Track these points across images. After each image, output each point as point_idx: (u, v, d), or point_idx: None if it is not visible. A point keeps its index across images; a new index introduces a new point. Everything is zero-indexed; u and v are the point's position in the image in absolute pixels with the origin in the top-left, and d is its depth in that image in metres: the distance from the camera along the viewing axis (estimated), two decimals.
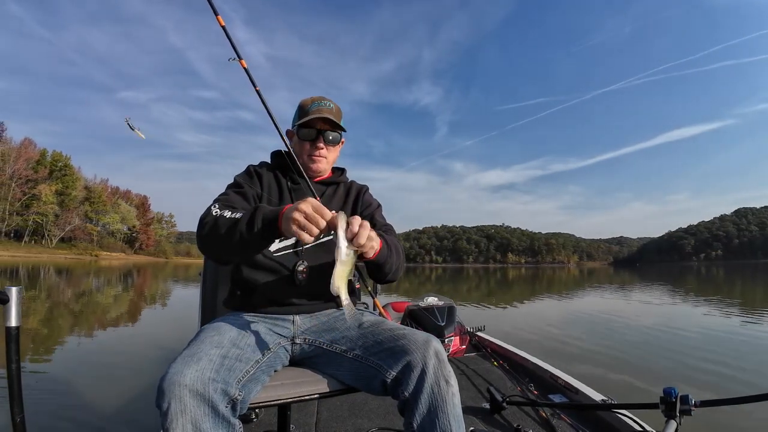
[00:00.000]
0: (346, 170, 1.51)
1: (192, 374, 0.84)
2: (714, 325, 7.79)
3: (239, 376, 0.92)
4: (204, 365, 0.87)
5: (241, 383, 0.91)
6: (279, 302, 1.23)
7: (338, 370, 1.12)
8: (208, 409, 0.83)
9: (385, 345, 1.06)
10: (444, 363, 1.01)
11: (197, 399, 0.82)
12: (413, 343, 1.01)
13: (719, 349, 5.67)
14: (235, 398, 0.88)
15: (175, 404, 0.81)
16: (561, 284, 23.95)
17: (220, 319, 1.18)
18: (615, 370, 4.45)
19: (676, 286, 19.50)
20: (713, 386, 3.86)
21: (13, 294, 0.89)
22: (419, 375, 0.97)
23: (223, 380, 0.87)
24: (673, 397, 1.45)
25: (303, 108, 1.35)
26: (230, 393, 0.87)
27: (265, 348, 1.09)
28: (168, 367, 0.87)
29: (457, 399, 0.99)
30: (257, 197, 1.28)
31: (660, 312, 9.80)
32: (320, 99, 1.36)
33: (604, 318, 8.85)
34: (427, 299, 3.75)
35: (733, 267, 75.03)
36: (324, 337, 1.19)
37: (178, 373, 0.84)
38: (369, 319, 1.20)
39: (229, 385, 0.88)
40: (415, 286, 22.15)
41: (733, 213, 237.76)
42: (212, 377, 0.85)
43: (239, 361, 0.95)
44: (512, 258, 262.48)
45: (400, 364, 1.00)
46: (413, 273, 50.80)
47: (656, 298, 13.86)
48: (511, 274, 44.68)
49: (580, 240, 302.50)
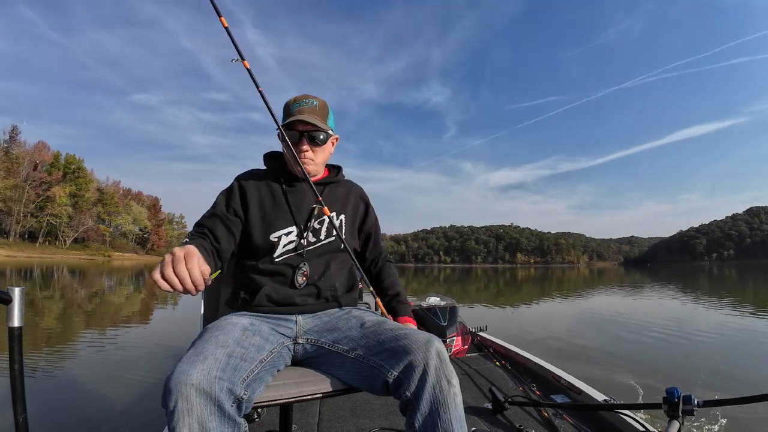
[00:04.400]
0: (342, 168, 1.48)
1: (198, 373, 0.85)
2: (721, 325, 7.68)
3: (244, 376, 0.93)
4: (210, 364, 0.87)
5: (246, 382, 0.92)
6: (281, 303, 1.22)
7: (340, 370, 1.11)
8: (214, 408, 0.84)
9: (387, 345, 1.05)
10: (446, 363, 1.00)
11: (204, 398, 0.83)
12: (415, 343, 1.01)
13: (724, 349, 5.60)
14: (241, 397, 0.89)
15: (181, 403, 0.82)
16: (570, 284, 23.75)
17: (224, 318, 1.19)
18: (617, 370, 4.41)
19: (686, 287, 19.21)
20: (716, 386, 3.81)
21: (16, 294, 0.89)
22: (421, 375, 0.97)
23: (229, 379, 0.88)
24: (675, 397, 1.44)
25: (286, 109, 1.32)
26: (236, 392, 0.88)
27: (268, 348, 1.09)
28: (174, 366, 0.88)
29: (459, 399, 0.99)
30: (237, 214, 1.26)
31: (666, 312, 9.66)
32: (303, 98, 1.32)
33: (606, 318, 8.77)
34: (429, 299, 3.74)
35: (746, 267, 73.54)
36: (326, 336, 1.18)
37: (185, 372, 0.85)
38: (371, 319, 1.20)
39: (235, 384, 0.88)
40: (424, 286, 22.11)
41: (745, 212, 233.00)
42: (218, 376, 0.86)
43: (244, 361, 0.96)
44: (521, 258, 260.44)
45: (402, 364, 0.99)
46: (422, 273, 50.60)
47: (667, 298, 13.68)
48: (520, 275, 44.20)
49: (590, 240, 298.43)
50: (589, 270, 75.19)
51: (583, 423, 1.93)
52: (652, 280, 26.90)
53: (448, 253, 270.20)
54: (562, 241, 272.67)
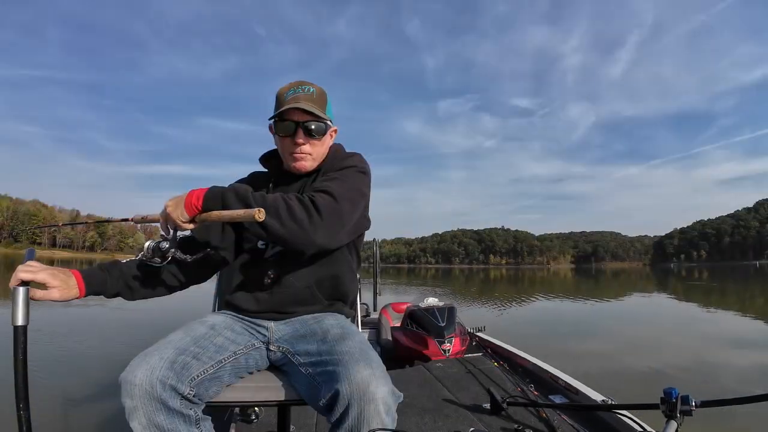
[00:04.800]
0: (339, 148, 1.31)
1: (142, 373, 0.89)
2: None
3: (194, 375, 0.95)
4: (154, 364, 0.91)
5: (195, 381, 0.95)
6: (252, 305, 1.19)
7: (296, 382, 1.08)
8: (159, 405, 0.89)
9: (329, 367, 0.97)
10: (372, 406, 0.87)
11: (147, 397, 0.88)
12: (348, 376, 0.89)
13: (718, 349, 5.66)
14: (187, 395, 0.92)
15: (129, 401, 0.89)
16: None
17: (203, 316, 1.19)
18: (616, 370, 4.44)
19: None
20: (715, 386, 3.85)
21: (20, 294, 0.90)
22: (343, 409, 0.89)
23: (175, 377, 0.91)
24: (673, 398, 1.44)
25: (279, 98, 1.18)
26: (180, 390, 0.91)
27: (233, 348, 1.08)
28: (127, 365, 0.94)
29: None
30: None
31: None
32: (298, 84, 1.18)
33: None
34: (428, 300, 3.76)
35: (717, 268, 74.16)
36: (293, 345, 1.13)
37: (131, 372, 0.90)
38: (336, 333, 1.08)
39: (181, 382, 0.92)
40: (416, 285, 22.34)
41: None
42: (161, 376, 0.89)
43: (196, 359, 0.98)
44: (493, 259, 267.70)
45: (330, 392, 0.91)
46: (413, 273, 51.20)
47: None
48: (492, 274, 44.92)
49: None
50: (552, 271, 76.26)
51: (582, 423, 1.94)
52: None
53: (434, 255, 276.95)
54: (536, 243, 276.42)
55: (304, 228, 0.98)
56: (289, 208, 0.98)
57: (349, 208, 1.07)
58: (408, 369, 2.87)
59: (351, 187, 1.10)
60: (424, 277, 36.86)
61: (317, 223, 0.99)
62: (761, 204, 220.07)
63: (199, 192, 1.01)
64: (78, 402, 3.15)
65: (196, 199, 1.00)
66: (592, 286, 24.00)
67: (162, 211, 1.02)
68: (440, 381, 2.57)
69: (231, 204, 0.98)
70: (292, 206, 0.99)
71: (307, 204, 1.00)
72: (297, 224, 0.98)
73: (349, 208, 1.07)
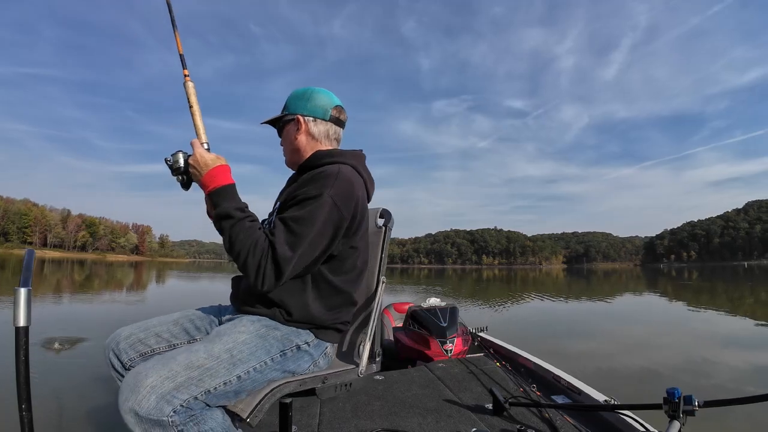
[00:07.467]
0: (331, 154, 1.29)
1: (110, 339, 1.21)
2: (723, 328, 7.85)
3: (139, 349, 1.19)
4: (119, 332, 1.21)
5: (131, 355, 1.18)
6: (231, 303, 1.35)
7: None
8: (109, 362, 1.20)
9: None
10: (132, 395, 0.88)
11: (109, 355, 1.20)
12: (126, 379, 0.93)
13: (711, 348, 5.72)
14: (123, 361, 1.18)
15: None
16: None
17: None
18: (613, 369, 4.47)
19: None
20: (716, 386, 3.88)
21: (22, 294, 0.90)
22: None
23: (120, 347, 1.18)
24: (676, 398, 1.45)
25: None
26: (120, 357, 1.18)
27: (184, 338, 1.26)
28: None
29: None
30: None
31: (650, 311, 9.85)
32: None
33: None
34: (430, 300, 3.77)
35: (705, 269, 75.37)
36: None
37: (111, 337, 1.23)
38: (216, 330, 1.15)
39: (122, 351, 1.18)
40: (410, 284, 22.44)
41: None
42: (114, 343, 1.19)
43: (149, 336, 1.21)
44: (486, 260, 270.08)
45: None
46: (406, 273, 51.50)
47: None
48: (485, 274, 45.36)
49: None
50: (545, 272, 77.16)
51: (584, 423, 1.94)
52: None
53: (427, 255, 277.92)
54: (528, 243, 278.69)
55: (249, 275, 1.05)
56: (246, 257, 1.03)
57: (299, 261, 1.06)
58: (410, 369, 2.87)
59: (311, 232, 1.06)
60: (418, 277, 37.08)
61: (262, 277, 1.03)
62: (751, 205, 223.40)
63: (222, 179, 1.13)
64: (78, 402, 3.11)
65: (209, 180, 1.12)
66: (584, 286, 24.20)
67: (192, 154, 1.16)
68: (442, 381, 2.57)
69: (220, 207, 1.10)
70: (248, 261, 1.03)
71: (260, 261, 1.03)
72: (246, 271, 1.05)
73: (300, 261, 1.06)
